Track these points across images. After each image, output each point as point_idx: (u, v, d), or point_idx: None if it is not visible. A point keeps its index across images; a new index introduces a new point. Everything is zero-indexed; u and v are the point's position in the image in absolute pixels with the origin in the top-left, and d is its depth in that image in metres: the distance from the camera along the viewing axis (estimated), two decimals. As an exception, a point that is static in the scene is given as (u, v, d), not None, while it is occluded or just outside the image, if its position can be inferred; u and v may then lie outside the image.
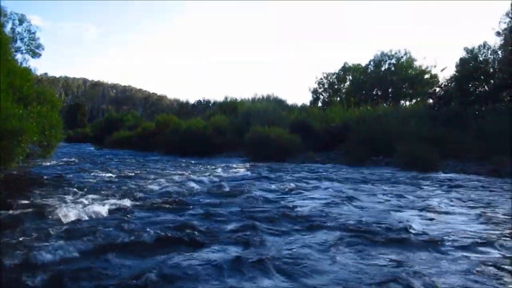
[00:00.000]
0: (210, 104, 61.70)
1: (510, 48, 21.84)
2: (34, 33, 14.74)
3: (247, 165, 17.73)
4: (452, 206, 7.55)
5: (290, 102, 44.02)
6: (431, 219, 6.31)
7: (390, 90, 38.67)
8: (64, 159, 19.83)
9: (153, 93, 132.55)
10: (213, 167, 16.35)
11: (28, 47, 14.70)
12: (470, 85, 22.91)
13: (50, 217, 5.97)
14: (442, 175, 13.55)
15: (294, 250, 4.53)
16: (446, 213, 6.84)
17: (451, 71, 28.98)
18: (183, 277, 3.69)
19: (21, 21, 14.52)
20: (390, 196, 8.79)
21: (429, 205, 7.45)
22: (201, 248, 4.64)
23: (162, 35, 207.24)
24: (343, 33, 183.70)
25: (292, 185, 10.22)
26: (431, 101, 29.94)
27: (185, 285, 3.53)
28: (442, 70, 32.92)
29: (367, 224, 5.80)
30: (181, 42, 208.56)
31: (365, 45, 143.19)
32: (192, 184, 10.01)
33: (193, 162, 19.49)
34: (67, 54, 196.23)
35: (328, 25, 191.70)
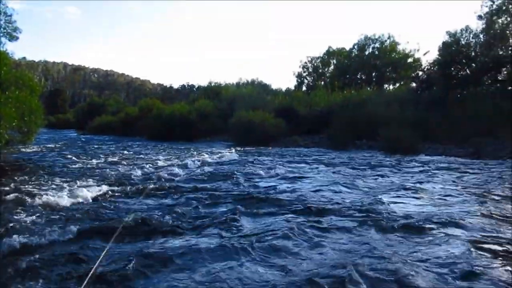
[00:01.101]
0: (194, 89, 61.17)
1: (491, 32, 22.09)
2: (10, 15, 14.20)
3: (232, 149, 17.72)
4: (433, 187, 7.69)
5: (274, 86, 44.04)
6: (412, 202, 6.43)
7: (374, 74, 38.82)
8: (46, 145, 19.50)
9: (136, 77, 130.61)
10: (197, 152, 16.30)
11: (5, 30, 14.19)
12: (452, 69, 23.14)
13: (33, 203, 5.88)
14: (424, 158, 13.76)
15: (278, 234, 4.55)
16: (428, 194, 6.97)
17: (434, 55, 29.26)
18: (166, 262, 3.69)
19: (-4, 3, 13.98)
20: (372, 179, 8.91)
21: (410, 187, 7.58)
22: (184, 233, 4.64)
23: (153, 27, 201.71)
24: (335, 27, 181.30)
25: (276, 169, 10.25)
26: (414, 85, 30.20)
27: (167, 270, 3.54)
28: (425, 54, 33.17)
29: (349, 207, 5.88)
30: (171, 37, 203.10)
31: (355, 34, 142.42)
32: (176, 169, 9.97)
33: (177, 147, 19.38)
34: (46, 37, 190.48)
35: (320, 20, 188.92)
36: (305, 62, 45.30)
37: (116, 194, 6.85)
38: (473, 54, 23.06)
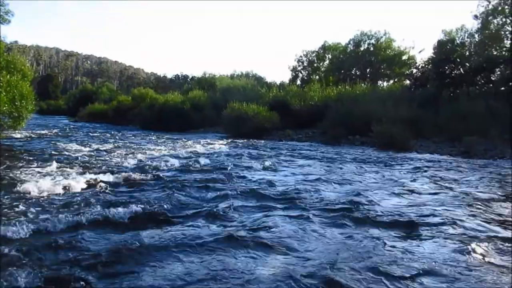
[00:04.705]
0: (188, 79, 60.82)
1: (486, 32, 22.21)
2: (3, -2, 13.98)
3: (225, 141, 17.69)
4: (424, 186, 7.74)
5: (269, 79, 43.97)
6: (403, 199, 6.47)
7: (368, 70, 38.95)
8: (37, 131, 19.31)
9: (129, 65, 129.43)
10: (190, 142, 16.24)
11: (-3, 13, 13.97)
12: (446, 68, 23.26)
13: (21, 190, 5.82)
14: (416, 155, 13.85)
15: (268, 226, 4.57)
16: (418, 193, 7.00)
17: (429, 53, 29.34)
18: (156, 252, 3.68)
19: (-11, -15, 13.73)
20: (361, 175, 8.94)
21: (401, 185, 7.62)
22: (175, 224, 4.63)
23: (147, 15, 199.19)
24: (323, 13, 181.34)
25: (268, 162, 10.26)
26: (408, 82, 30.30)
27: (158, 260, 3.52)
28: (420, 52, 33.42)
29: (335, 203, 5.89)
30: (166, 27, 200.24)
31: (344, 25, 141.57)
32: (169, 159, 9.92)
33: (169, 137, 19.30)
34: (39, 22, 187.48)
35: (315, 14, 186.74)
36: (300, 56, 45.24)
37: (107, 183, 6.79)
38: (467, 53, 23.17)
